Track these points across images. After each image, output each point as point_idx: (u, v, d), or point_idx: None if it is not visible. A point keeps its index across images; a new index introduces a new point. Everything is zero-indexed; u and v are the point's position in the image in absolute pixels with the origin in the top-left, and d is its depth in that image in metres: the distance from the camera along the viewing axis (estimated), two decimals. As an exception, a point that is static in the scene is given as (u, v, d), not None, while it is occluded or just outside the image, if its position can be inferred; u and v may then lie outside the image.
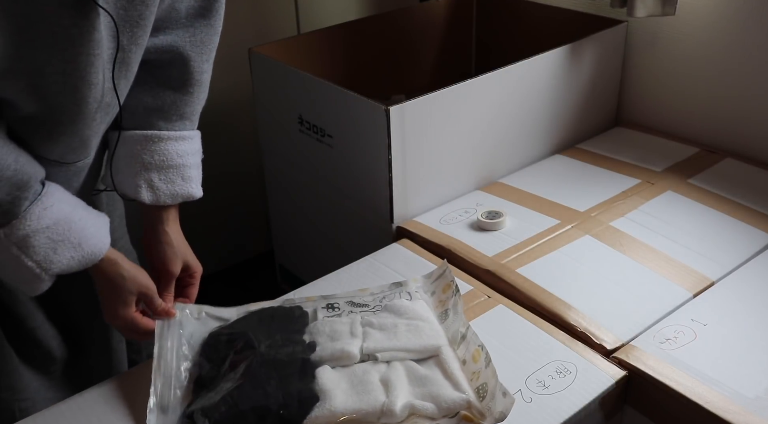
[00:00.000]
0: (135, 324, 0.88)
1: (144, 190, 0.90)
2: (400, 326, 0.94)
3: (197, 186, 0.95)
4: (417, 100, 1.21)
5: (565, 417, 0.85)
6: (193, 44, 0.89)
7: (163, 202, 0.91)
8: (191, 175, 0.93)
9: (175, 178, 0.91)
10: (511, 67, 1.33)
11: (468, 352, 0.90)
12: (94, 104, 0.78)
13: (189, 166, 0.93)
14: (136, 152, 0.89)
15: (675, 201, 1.29)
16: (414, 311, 0.97)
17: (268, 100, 1.47)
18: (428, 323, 0.95)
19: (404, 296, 1.02)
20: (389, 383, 0.85)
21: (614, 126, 1.61)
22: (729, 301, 1.04)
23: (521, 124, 1.42)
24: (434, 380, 0.86)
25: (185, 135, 0.93)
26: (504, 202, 1.32)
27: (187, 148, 0.93)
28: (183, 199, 0.93)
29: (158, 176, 0.90)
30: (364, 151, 1.26)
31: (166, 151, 0.90)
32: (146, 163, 0.90)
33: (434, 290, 1.04)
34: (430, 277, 1.07)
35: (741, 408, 0.85)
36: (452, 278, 1.03)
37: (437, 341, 0.92)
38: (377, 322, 0.95)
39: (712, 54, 1.44)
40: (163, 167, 0.90)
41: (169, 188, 0.91)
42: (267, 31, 1.77)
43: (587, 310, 1.03)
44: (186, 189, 0.93)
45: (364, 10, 1.92)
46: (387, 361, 0.90)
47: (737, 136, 1.45)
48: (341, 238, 1.44)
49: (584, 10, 1.58)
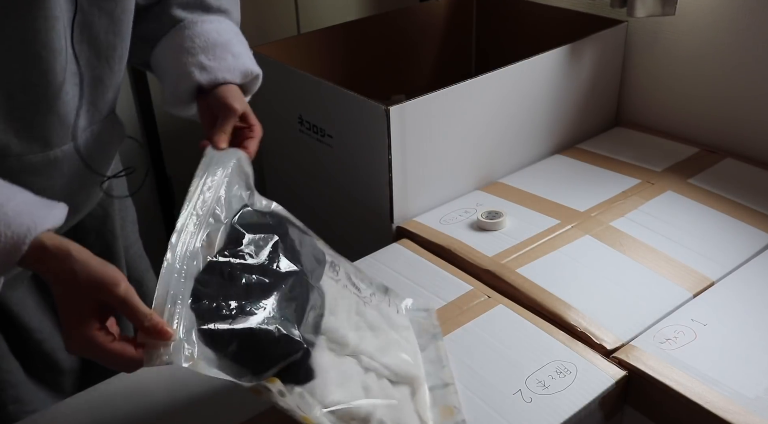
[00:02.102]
0: (98, 349, 0.60)
1: (197, 73, 0.82)
2: (391, 336, 0.88)
3: (252, 61, 0.87)
4: (417, 100, 1.21)
5: (565, 417, 0.85)
6: None
7: (221, 78, 0.82)
8: (241, 50, 0.85)
9: (224, 54, 0.83)
10: (511, 67, 1.33)
11: (442, 401, 0.85)
12: (61, 74, 0.72)
13: (235, 42, 0.85)
14: (175, 46, 0.83)
15: (675, 201, 1.29)
16: (403, 327, 0.92)
17: (268, 100, 1.47)
18: (411, 346, 0.90)
19: (392, 306, 0.95)
20: (369, 390, 0.80)
21: (614, 126, 1.61)
22: (729, 301, 1.04)
23: (521, 124, 1.42)
24: (404, 410, 0.81)
25: (218, 17, 0.87)
26: (504, 202, 1.32)
27: (226, 27, 0.86)
28: (241, 73, 0.85)
29: (206, 57, 0.82)
30: (364, 151, 1.26)
31: (205, 32, 0.83)
32: (188, 49, 0.82)
33: (415, 319, 0.98)
34: (415, 306, 1.00)
35: (741, 408, 0.85)
36: (436, 324, 0.98)
37: (418, 371, 0.87)
38: (369, 317, 0.87)
39: (712, 54, 1.44)
40: (208, 47, 0.83)
41: (222, 65, 0.83)
42: (267, 31, 1.77)
43: (587, 310, 1.03)
44: (240, 63, 0.84)
45: (364, 10, 1.92)
46: (365, 367, 0.83)
47: (737, 136, 1.45)
48: (341, 238, 1.44)
49: (584, 10, 1.58)
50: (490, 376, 0.91)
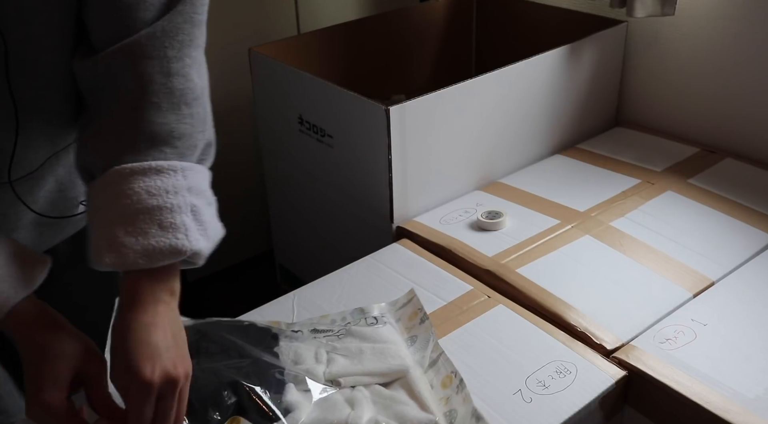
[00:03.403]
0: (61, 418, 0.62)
1: (104, 251, 0.63)
2: (366, 351, 0.90)
3: (188, 237, 0.65)
4: (417, 100, 1.21)
5: (565, 417, 0.85)
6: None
7: (132, 263, 0.63)
8: (175, 221, 0.65)
9: (147, 226, 0.64)
10: (511, 67, 1.33)
11: (437, 377, 0.88)
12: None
13: (170, 208, 0.65)
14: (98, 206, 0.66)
15: (675, 201, 1.29)
16: (380, 335, 0.94)
17: (268, 100, 1.47)
18: (394, 345, 0.92)
19: (370, 321, 0.98)
20: (354, 402, 0.84)
21: (614, 126, 1.61)
22: (729, 301, 1.04)
23: (521, 124, 1.42)
24: (400, 401, 0.85)
25: (161, 166, 0.66)
26: (504, 202, 1.32)
27: (166, 184, 0.66)
28: (165, 257, 0.64)
29: (124, 229, 0.64)
30: (364, 151, 1.26)
31: (130, 191, 0.64)
32: (108, 216, 0.65)
33: (399, 317, 1.01)
34: (395, 304, 1.03)
35: (741, 408, 0.85)
36: (420, 306, 1.00)
37: (403, 362, 0.89)
38: (342, 347, 0.91)
39: (711, 54, 1.44)
40: (128, 214, 0.64)
41: (140, 243, 0.63)
42: (267, 31, 1.77)
43: (587, 310, 1.03)
44: (166, 241, 0.64)
45: (364, 10, 1.92)
46: (351, 386, 0.87)
47: (737, 136, 1.45)
48: (341, 238, 1.44)
49: (584, 10, 1.58)
50: (490, 376, 0.91)
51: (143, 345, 0.62)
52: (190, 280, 1.86)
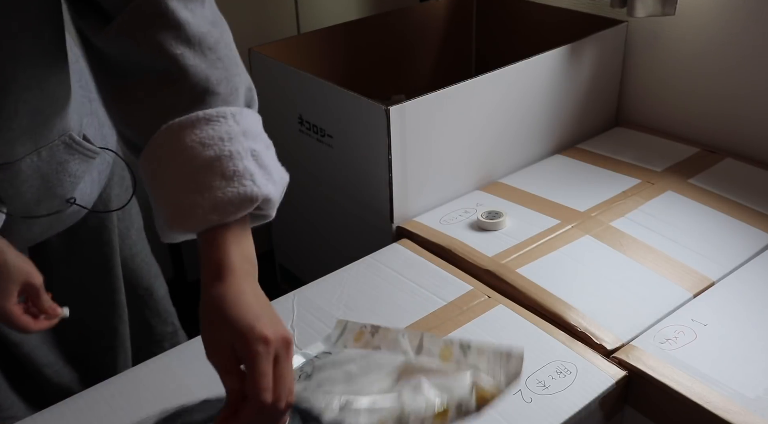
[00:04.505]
0: (12, 319, 0.77)
1: (171, 215, 0.62)
2: (353, 371, 0.80)
3: (256, 182, 0.63)
4: (417, 100, 1.21)
5: (565, 417, 0.85)
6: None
7: (205, 221, 0.62)
8: (238, 168, 0.62)
9: (210, 179, 0.62)
10: (511, 67, 1.33)
11: (433, 359, 0.80)
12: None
13: (229, 156, 0.62)
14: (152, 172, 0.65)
15: (675, 201, 1.29)
16: (347, 355, 0.85)
17: (268, 100, 1.47)
18: (372, 356, 0.83)
19: (323, 356, 0.88)
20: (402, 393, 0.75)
21: (614, 126, 1.61)
22: (729, 301, 1.04)
23: (521, 124, 1.42)
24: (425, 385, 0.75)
25: (210, 115, 0.63)
26: (504, 202, 1.32)
27: (220, 132, 0.63)
28: (237, 208, 0.62)
29: (185, 187, 0.62)
30: (364, 151, 1.26)
31: (182, 147, 0.62)
32: (164, 179, 0.64)
33: (345, 345, 0.91)
34: (329, 339, 0.94)
35: (741, 408, 0.85)
36: (361, 324, 0.90)
37: (395, 361, 0.80)
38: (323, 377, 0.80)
39: (712, 54, 1.44)
40: (185, 172, 0.62)
41: (206, 198, 0.61)
42: (267, 31, 1.77)
43: (587, 310, 1.03)
44: (234, 190, 0.62)
45: (364, 10, 1.92)
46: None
47: (737, 136, 1.45)
48: (341, 238, 1.44)
49: (584, 10, 1.58)
50: (490, 376, 0.91)
51: (247, 308, 0.60)
52: (190, 280, 1.86)
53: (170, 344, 1.12)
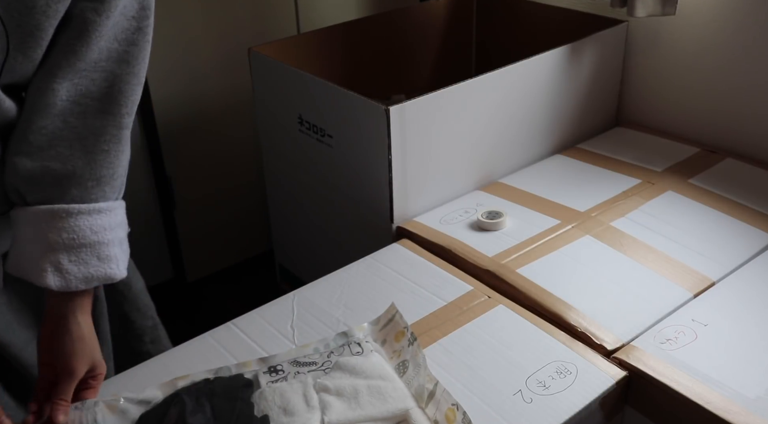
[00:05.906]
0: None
1: (50, 274, 0.75)
2: (361, 390, 0.86)
3: (119, 266, 0.79)
4: (417, 100, 1.21)
5: (566, 418, 0.85)
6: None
7: (75, 287, 0.76)
8: (110, 253, 0.78)
9: (89, 258, 0.77)
10: (511, 67, 1.33)
11: (440, 411, 0.83)
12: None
13: (107, 243, 0.78)
14: (40, 231, 0.75)
15: (675, 201, 1.29)
16: (371, 368, 0.89)
17: (268, 100, 1.47)
18: (390, 382, 0.87)
19: (354, 349, 0.93)
20: None
21: (614, 126, 1.61)
22: (729, 301, 1.04)
23: (521, 124, 1.41)
24: None
25: (102, 207, 0.78)
26: (504, 202, 1.32)
27: (105, 223, 0.78)
28: (100, 282, 0.78)
29: (68, 257, 0.75)
30: (364, 151, 1.26)
31: (77, 228, 0.75)
32: (52, 243, 0.75)
33: (385, 338, 0.96)
34: (378, 323, 0.99)
35: (742, 409, 0.85)
36: (405, 325, 0.95)
37: (404, 403, 0.85)
38: (333, 386, 0.86)
39: (712, 54, 1.44)
40: (73, 247, 0.76)
41: (82, 271, 0.76)
42: (267, 31, 1.77)
43: (587, 310, 1.03)
44: (103, 270, 0.77)
45: (364, 10, 1.92)
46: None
47: (738, 136, 1.45)
48: (341, 238, 1.44)
49: (584, 10, 1.58)
50: (490, 376, 0.91)
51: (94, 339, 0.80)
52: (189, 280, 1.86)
53: (150, 338, 1.11)
